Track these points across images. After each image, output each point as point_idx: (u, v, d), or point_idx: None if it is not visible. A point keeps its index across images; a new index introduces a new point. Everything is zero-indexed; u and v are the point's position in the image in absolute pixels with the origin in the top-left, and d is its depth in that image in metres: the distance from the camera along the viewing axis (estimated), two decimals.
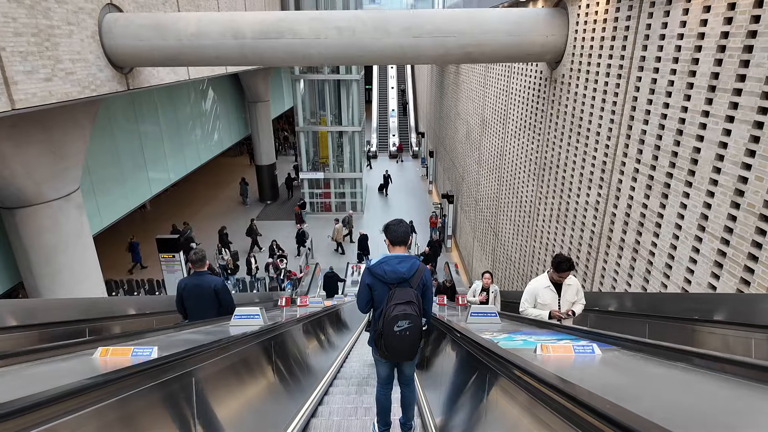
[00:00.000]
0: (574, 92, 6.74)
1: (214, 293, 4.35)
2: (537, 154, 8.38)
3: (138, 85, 8.04)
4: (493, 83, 11.68)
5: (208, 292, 4.34)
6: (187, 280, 4.54)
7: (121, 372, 1.43)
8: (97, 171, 11.43)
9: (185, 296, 4.41)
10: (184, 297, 4.42)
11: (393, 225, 3.15)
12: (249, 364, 2.73)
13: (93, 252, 9.18)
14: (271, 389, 3.03)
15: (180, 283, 4.49)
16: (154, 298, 9.43)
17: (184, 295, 4.42)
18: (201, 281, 4.39)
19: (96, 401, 1.32)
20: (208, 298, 4.34)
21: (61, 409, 1.20)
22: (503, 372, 1.81)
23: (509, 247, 10.31)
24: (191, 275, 4.56)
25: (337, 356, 5.74)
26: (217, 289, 4.38)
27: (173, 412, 1.75)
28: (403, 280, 2.98)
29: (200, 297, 4.34)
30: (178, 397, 1.79)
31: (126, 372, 1.45)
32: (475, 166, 13.93)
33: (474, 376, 2.34)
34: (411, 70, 41.88)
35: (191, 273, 4.61)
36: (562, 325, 2.69)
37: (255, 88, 21.15)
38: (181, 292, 4.43)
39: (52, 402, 1.17)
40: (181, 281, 4.54)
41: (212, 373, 2.11)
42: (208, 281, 4.40)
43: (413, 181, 28.21)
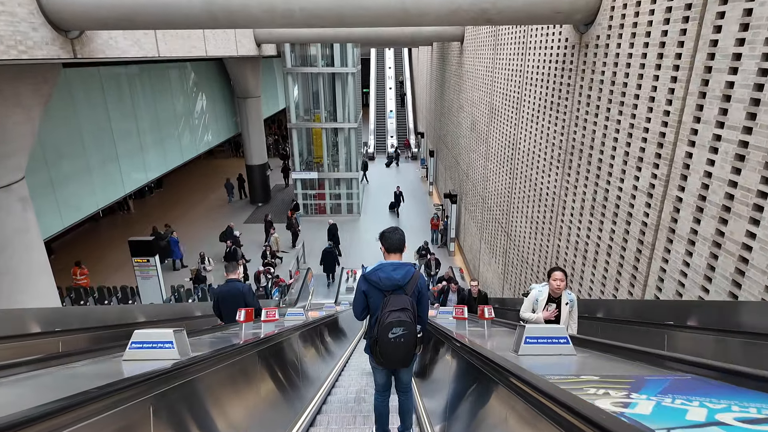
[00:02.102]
0: (615, 54, 5.49)
1: (243, 298, 4.89)
2: (562, 137, 7.12)
3: (90, 54, 6.76)
4: (503, 65, 10.45)
5: (239, 297, 4.89)
6: (221, 287, 5.17)
7: None
8: (57, 163, 10.12)
9: (220, 301, 5.00)
10: (220, 302, 5.01)
11: (388, 232, 3.17)
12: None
13: (42, 253, 7.85)
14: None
15: (215, 291, 5.32)
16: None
17: (220, 300, 5.01)
18: (232, 288, 4.97)
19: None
20: (239, 303, 4.76)
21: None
22: None
23: (525, 248, 9.02)
24: (225, 283, 5.13)
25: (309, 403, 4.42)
26: (244, 294, 4.96)
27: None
28: (398, 287, 2.98)
29: (232, 301, 4.85)
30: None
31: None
32: (482, 160, 12.67)
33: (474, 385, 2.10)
34: (409, 63, 40.83)
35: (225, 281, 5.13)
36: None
37: (244, 83, 19.91)
38: (217, 298, 5.06)
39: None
40: (216, 289, 5.36)
41: None
42: (238, 288, 4.99)
43: (413, 183, 26.95)
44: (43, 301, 7.73)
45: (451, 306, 7.19)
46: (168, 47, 9.14)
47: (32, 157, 9.45)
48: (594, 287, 6.08)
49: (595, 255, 6.07)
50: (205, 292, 13.04)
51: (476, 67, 13.41)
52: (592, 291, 6.16)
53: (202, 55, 10.99)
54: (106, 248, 17.51)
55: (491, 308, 3.52)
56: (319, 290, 13.53)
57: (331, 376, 5.44)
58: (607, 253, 5.72)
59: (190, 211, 21.88)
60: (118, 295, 12.75)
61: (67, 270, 15.81)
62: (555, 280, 4.20)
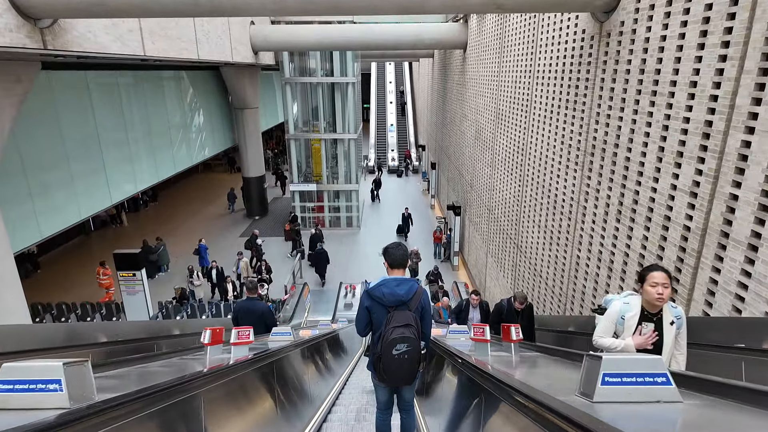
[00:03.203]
0: (644, 39, 4.89)
1: (260, 317, 5.24)
2: (580, 136, 6.49)
3: (63, 46, 6.18)
4: (510, 67, 9.91)
5: (258, 314, 5.24)
6: (241, 303, 5.52)
7: None
8: (36, 171, 9.48)
9: (240, 316, 5.24)
10: (240, 317, 5.23)
11: (392, 248, 3.15)
12: None
13: (9, 265, 7.17)
14: None
15: (236, 306, 5.56)
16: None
17: (240, 315, 5.26)
18: (252, 305, 5.35)
19: None
20: (257, 319, 5.15)
21: None
22: None
23: (538, 260, 8.32)
24: (244, 299, 5.55)
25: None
26: (263, 312, 5.32)
27: None
28: (402, 302, 2.95)
29: (251, 317, 5.15)
30: None
31: None
32: (488, 169, 12.05)
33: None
34: (410, 76, 40.63)
35: (245, 297, 5.58)
36: None
37: (242, 93, 19.45)
38: (237, 313, 5.33)
39: None
40: (237, 304, 5.69)
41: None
42: (257, 305, 5.36)
43: (414, 196, 26.34)
44: (9, 318, 7.00)
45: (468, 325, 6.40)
46: (156, 47, 8.60)
47: (7, 163, 8.84)
48: None
49: (623, 266, 5.38)
50: (194, 308, 12.28)
51: (480, 73, 12.90)
52: None
53: (193, 58, 10.46)
54: (96, 262, 16.78)
55: (518, 327, 2.82)
56: (317, 306, 12.77)
57: (327, 402, 4.70)
58: (639, 264, 5.03)
59: (185, 224, 21.22)
60: (102, 311, 11.99)
61: (53, 285, 15.10)
62: (654, 286, 2.68)
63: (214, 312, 12.43)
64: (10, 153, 8.85)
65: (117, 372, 1.96)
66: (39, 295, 13.51)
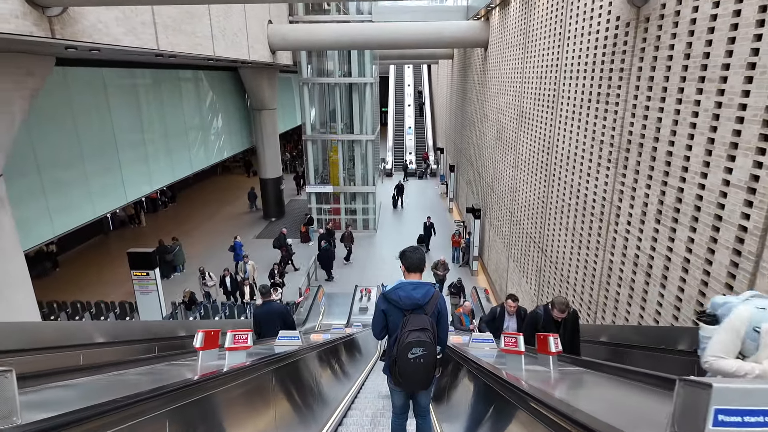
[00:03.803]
0: (690, 20, 4.44)
1: (281, 318, 5.37)
2: (614, 131, 6.03)
3: (73, 36, 6.01)
4: (535, 63, 9.47)
5: (276, 316, 5.36)
6: (259, 308, 5.62)
7: None
8: (50, 168, 9.42)
9: (261, 321, 5.39)
10: (261, 321, 5.39)
11: (409, 252, 3.12)
12: None
13: (19, 263, 7.02)
14: None
15: (255, 311, 5.66)
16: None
17: (261, 320, 5.41)
18: (270, 308, 5.48)
19: None
20: (277, 322, 5.27)
21: None
22: None
23: (565, 264, 7.84)
24: (262, 304, 5.64)
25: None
26: (282, 313, 5.46)
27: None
28: (418, 306, 2.93)
29: (270, 321, 5.31)
30: None
31: None
32: (510, 170, 11.58)
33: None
34: (428, 78, 40.26)
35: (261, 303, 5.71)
36: None
37: (260, 94, 19.39)
38: (257, 319, 5.45)
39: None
40: (256, 309, 5.73)
41: None
42: (275, 308, 5.50)
43: (432, 200, 25.89)
44: (19, 316, 6.85)
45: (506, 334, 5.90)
46: (169, 41, 8.44)
47: (22, 160, 8.79)
48: (664, 311, 4.89)
49: (664, 271, 4.89)
50: (207, 309, 12.10)
51: (502, 71, 12.46)
52: (660, 315, 4.96)
53: (209, 54, 10.30)
54: (114, 261, 16.81)
55: (557, 337, 2.41)
56: (331, 310, 12.45)
57: (341, 408, 4.34)
58: (683, 268, 4.54)
59: (203, 225, 21.22)
60: (116, 310, 11.90)
61: (71, 283, 15.16)
62: None
63: (227, 313, 12.22)
64: (24, 150, 8.80)
65: (79, 382, 1.64)
66: (56, 293, 13.55)
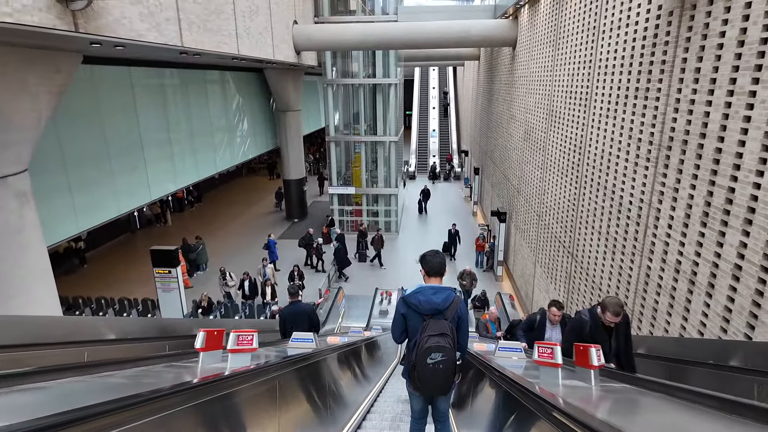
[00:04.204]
0: (744, 3, 4.04)
1: (307, 317, 5.49)
2: (653, 128, 5.62)
3: (96, 30, 6.00)
4: (567, 59, 9.07)
5: (303, 317, 5.46)
6: (287, 309, 5.63)
7: None
8: (76, 165, 9.54)
9: (287, 321, 5.46)
10: (286, 321, 5.45)
11: (429, 255, 3.09)
12: None
13: (41, 257, 7.07)
14: None
15: (282, 311, 5.73)
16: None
17: (286, 320, 5.48)
18: (297, 308, 5.56)
19: None
20: (303, 321, 5.38)
21: None
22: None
23: (597, 270, 7.41)
24: (289, 304, 5.63)
25: None
26: (308, 313, 5.57)
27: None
28: (438, 311, 2.90)
29: (297, 321, 5.37)
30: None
31: None
32: (538, 172, 11.16)
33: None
34: (453, 80, 39.86)
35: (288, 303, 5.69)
36: None
37: (285, 95, 19.45)
38: (284, 318, 5.56)
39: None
40: (282, 312, 5.75)
41: None
42: (302, 308, 5.59)
43: (455, 203, 25.47)
44: (39, 310, 6.89)
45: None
46: (193, 38, 8.43)
47: (49, 156, 8.92)
48: (710, 322, 4.47)
49: (710, 278, 4.48)
50: (228, 308, 12.07)
51: (531, 70, 12.07)
52: (705, 327, 4.54)
53: (234, 53, 10.29)
54: (139, 259, 17.06)
55: (599, 349, 2.11)
56: (351, 312, 12.25)
57: (358, 413, 4.10)
58: (734, 276, 4.13)
59: (227, 225, 21.39)
60: (138, 307, 12.00)
61: (98, 280, 15.44)
62: None
63: (247, 312, 12.17)
64: (51, 146, 8.93)
65: (51, 385, 1.45)
66: (83, 289, 13.79)
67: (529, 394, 2.00)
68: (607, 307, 3.72)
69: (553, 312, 5.14)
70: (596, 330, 3.85)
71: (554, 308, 5.14)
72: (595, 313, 3.88)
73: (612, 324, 3.75)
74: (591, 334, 3.86)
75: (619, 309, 3.69)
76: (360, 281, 15.49)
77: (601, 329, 3.83)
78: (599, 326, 3.84)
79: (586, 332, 3.89)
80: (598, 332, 3.84)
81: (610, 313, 3.68)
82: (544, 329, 5.21)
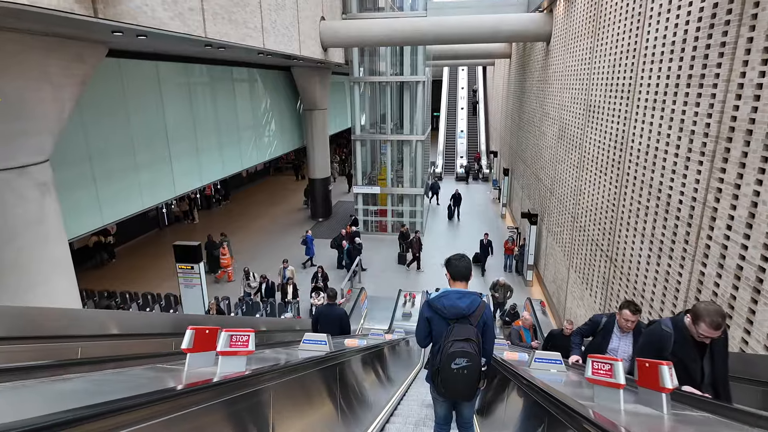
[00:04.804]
0: None
1: (339, 320, 5.86)
2: (710, 119, 5.05)
3: (116, 17, 5.87)
4: (607, 49, 8.49)
5: (336, 319, 5.84)
6: (321, 309, 6.07)
7: None
8: (101, 158, 9.56)
9: (320, 320, 5.84)
10: (320, 321, 5.84)
11: (455, 260, 3.06)
12: None
13: (61, 248, 7.00)
14: None
15: (317, 310, 6.30)
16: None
17: (320, 319, 5.85)
18: (331, 311, 5.91)
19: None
20: (334, 325, 5.76)
21: None
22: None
23: (640, 276, 6.81)
24: (325, 305, 6.02)
25: None
26: (340, 316, 5.92)
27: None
28: (463, 316, 2.86)
29: (329, 321, 5.78)
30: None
31: None
32: (573, 171, 10.55)
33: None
34: (483, 79, 39.10)
35: (325, 304, 6.07)
36: None
37: (312, 93, 19.34)
38: (317, 317, 5.95)
39: None
40: (318, 309, 6.44)
41: None
42: (335, 310, 5.96)
43: (483, 205, 24.81)
44: (58, 301, 6.82)
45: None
46: (217, 29, 8.28)
47: (74, 148, 8.94)
48: None
49: None
50: (249, 305, 11.93)
51: (567, 64, 11.46)
52: None
53: (259, 47, 10.13)
54: (166, 255, 17.22)
55: (671, 367, 1.68)
56: (373, 314, 11.89)
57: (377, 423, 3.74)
58: None
59: (253, 223, 21.43)
60: (161, 302, 12.00)
61: (125, 274, 15.63)
62: None
63: (268, 311, 11.99)
64: (77, 138, 8.96)
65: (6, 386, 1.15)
66: (111, 282, 13.96)
67: (581, 419, 1.59)
68: (701, 316, 2.74)
69: (625, 316, 3.97)
70: (684, 347, 2.91)
71: (627, 311, 4.00)
72: (682, 324, 2.95)
73: (708, 339, 2.82)
74: (676, 352, 2.92)
75: (719, 320, 2.72)
76: (383, 282, 15.13)
77: (690, 346, 2.90)
78: (687, 342, 2.91)
79: (668, 349, 2.95)
80: (686, 350, 2.91)
81: (707, 325, 2.72)
82: (609, 337, 4.08)
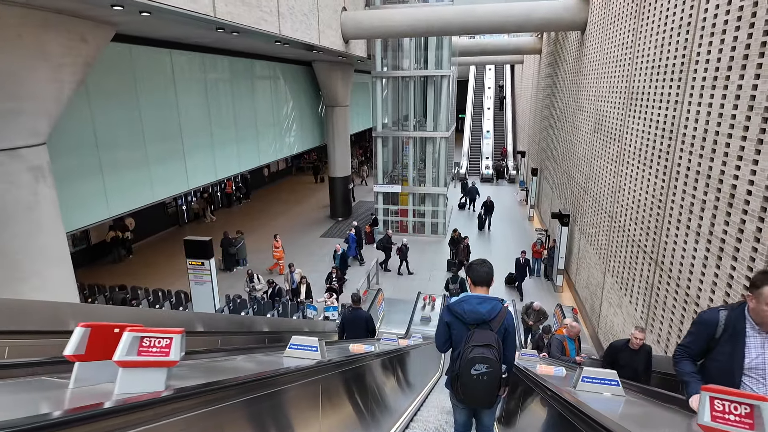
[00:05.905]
0: None
1: (365, 323, 6.27)
2: None
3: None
4: (654, 28, 7.61)
5: (360, 323, 6.25)
6: (347, 314, 6.49)
7: None
8: (109, 147, 9.21)
9: (346, 324, 6.36)
10: (345, 324, 6.36)
11: (476, 265, 3.01)
12: None
13: (57, 237, 6.59)
14: None
15: (343, 316, 6.82)
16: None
17: (345, 323, 6.38)
18: (356, 314, 6.30)
19: None
20: (360, 327, 6.21)
21: None
22: None
23: (693, 281, 5.92)
24: (351, 310, 6.44)
25: None
26: (366, 319, 6.31)
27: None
28: (483, 321, 2.82)
29: (355, 325, 6.25)
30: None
31: None
32: (611, 165, 9.64)
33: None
34: (511, 77, 37.98)
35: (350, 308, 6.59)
36: None
37: (333, 90, 18.87)
38: (343, 321, 6.49)
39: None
40: (344, 314, 6.91)
41: None
42: (361, 315, 6.33)
43: (510, 207, 23.81)
44: (53, 294, 6.40)
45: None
46: (228, 9, 7.80)
47: (80, 137, 8.60)
48: None
49: None
50: (260, 304, 11.44)
51: (606, 52, 10.56)
52: None
53: (274, 32, 9.62)
54: (182, 252, 17.01)
55: None
56: (390, 317, 11.21)
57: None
58: None
59: (271, 222, 21.09)
60: (171, 299, 11.63)
61: (141, 270, 15.44)
62: None
63: (280, 310, 11.47)
64: (84, 127, 8.63)
65: None
66: (126, 278, 13.72)
67: None
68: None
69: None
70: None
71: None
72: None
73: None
74: None
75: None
76: (402, 284, 14.45)
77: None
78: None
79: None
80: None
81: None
82: (743, 342, 2.26)
